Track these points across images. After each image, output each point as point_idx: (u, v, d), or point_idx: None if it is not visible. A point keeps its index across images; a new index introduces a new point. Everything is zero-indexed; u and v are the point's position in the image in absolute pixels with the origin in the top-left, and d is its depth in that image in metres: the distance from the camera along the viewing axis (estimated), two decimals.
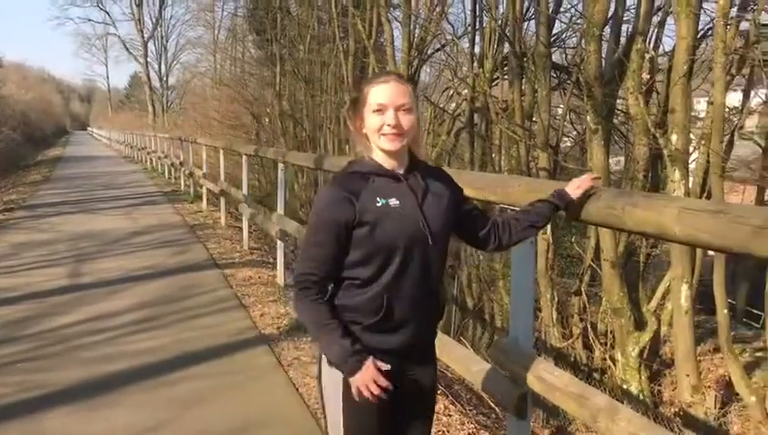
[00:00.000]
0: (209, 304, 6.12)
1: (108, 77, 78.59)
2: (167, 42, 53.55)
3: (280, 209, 7.12)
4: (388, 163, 1.87)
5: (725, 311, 5.24)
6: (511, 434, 2.66)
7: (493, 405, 4.64)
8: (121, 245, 9.06)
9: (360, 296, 1.84)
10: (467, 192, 2.17)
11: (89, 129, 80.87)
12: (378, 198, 1.80)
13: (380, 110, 1.82)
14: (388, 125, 1.81)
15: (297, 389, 4.19)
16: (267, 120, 19.64)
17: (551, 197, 2.14)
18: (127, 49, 54.51)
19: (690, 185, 6.30)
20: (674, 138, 5.35)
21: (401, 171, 1.87)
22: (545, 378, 2.39)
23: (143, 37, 52.23)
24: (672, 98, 5.45)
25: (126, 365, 4.49)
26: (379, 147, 1.86)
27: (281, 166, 7.17)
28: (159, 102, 51.19)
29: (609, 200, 2.07)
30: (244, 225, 9.14)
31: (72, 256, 8.23)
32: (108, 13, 73.14)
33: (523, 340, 2.63)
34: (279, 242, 7.14)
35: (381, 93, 1.84)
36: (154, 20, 52.70)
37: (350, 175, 1.86)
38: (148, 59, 52.87)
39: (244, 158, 9.02)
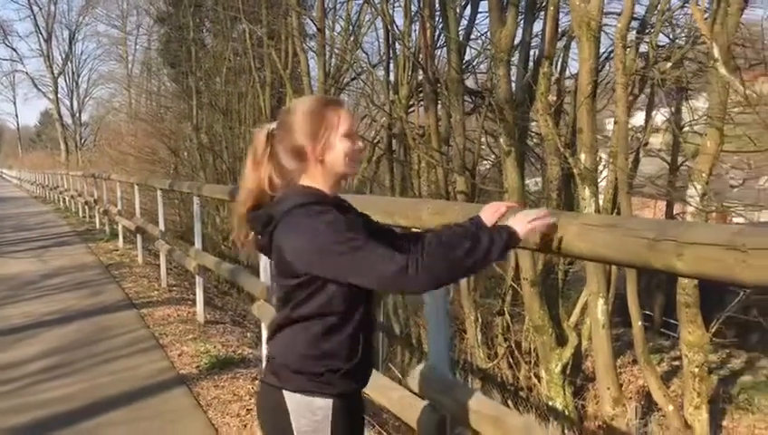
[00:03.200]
0: (124, 347, 5.86)
1: (17, 115, 75.25)
2: (78, 77, 52.03)
3: (197, 244, 6.94)
4: (334, 192, 1.78)
5: (640, 323, 5.40)
6: None
7: None
8: (31, 289, 8.61)
9: (335, 337, 1.73)
10: (380, 217, 2.13)
11: None
12: None
13: (351, 135, 1.75)
14: (358, 150, 1.75)
15: (217, 429, 4.04)
16: (186, 153, 19.30)
17: (468, 223, 2.08)
18: (36, 86, 52.61)
19: (601, 202, 6.51)
20: (582, 157, 5.51)
21: None
22: (462, 401, 2.36)
23: (53, 73, 50.57)
24: (579, 118, 5.63)
25: (33, 417, 4.23)
26: (343, 173, 1.77)
27: (196, 200, 7.00)
28: (72, 140, 49.56)
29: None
30: (162, 262, 8.86)
31: None
32: (15, 49, 70.50)
33: (440, 365, 2.60)
34: (198, 278, 6.95)
35: (350, 117, 1.77)
36: (64, 55, 51.17)
37: (329, 204, 1.73)
38: (60, 95, 51.19)
39: (159, 193, 8.77)
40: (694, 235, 1.50)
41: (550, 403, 6.91)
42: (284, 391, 1.73)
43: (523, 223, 1.76)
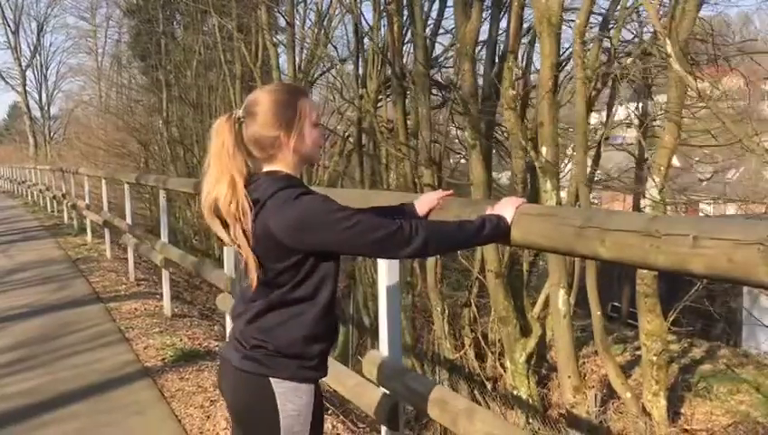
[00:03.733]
0: (89, 340, 5.85)
1: None
2: (47, 70, 51.15)
3: (164, 237, 6.93)
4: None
5: (599, 313, 5.53)
6: None
7: None
8: None
9: (326, 319, 1.79)
10: None
11: None
12: None
13: (318, 123, 1.80)
14: (323, 137, 1.81)
15: (180, 420, 4.07)
16: (156, 147, 19.15)
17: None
18: (3, 79, 51.65)
19: (565, 195, 6.62)
20: (543, 150, 5.61)
21: None
22: (412, 387, 2.43)
23: (21, 66, 49.64)
24: (540, 112, 5.73)
25: None
26: (312, 160, 1.85)
27: (162, 193, 7.00)
28: (41, 133, 48.79)
29: (457, 210, 2.13)
30: (130, 256, 8.82)
31: None
32: None
33: (393, 352, 2.67)
34: (164, 271, 6.94)
35: (315, 105, 1.82)
36: (32, 47, 50.28)
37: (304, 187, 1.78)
38: (28, 88, 50.29)
39: (126, 187, 8.72)
40: (615, 222, 1.57)
41: (515, 392, 7.03)
42: (271, 378, 1.75)
43: (512, 209, 1.86)
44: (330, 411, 4.40)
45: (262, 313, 1.77)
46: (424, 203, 2.12)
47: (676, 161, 14.18)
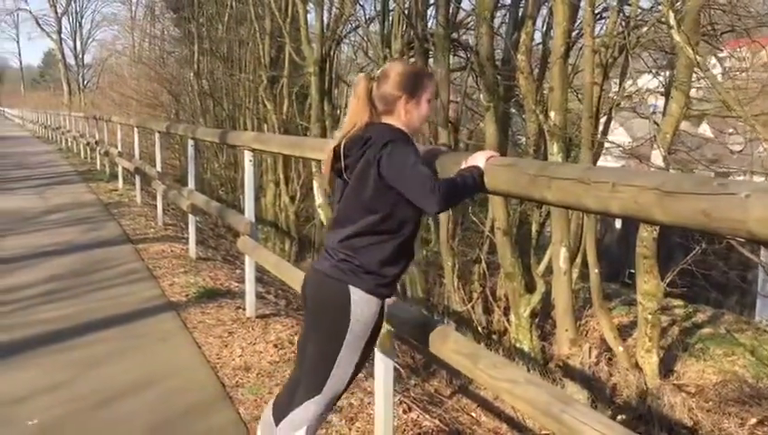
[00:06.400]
0: (119, 276, 6.29)
1: (20, 54, 74.61)
2: (81, 18, 51.80)
3: (191, 184, 7.31)
4: None
5: (597, 271, 5.81)
6: (377, 370, 3.01)
7: None
8: (32, 223, 9.04)
9: (404, 249, 2.23)
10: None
11: (0, 108, 77.38)
12: None
13: (431, 101, 2.30)
14: (432, 113, 2.32)
15: (200, 347, 4.48)
16: (187, 99, 19.50)
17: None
18: (39, 25, 52.41)
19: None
20: (552, 114, 5.84)
21: None
22: (400, 316, 2.77)
23: (56, 12, 50.35)
24: (551, 78, 5.94)
25: (31, 333, 4.64)
26: (417, 128, 2.30)
27: (190, 142, 7.36)
28: (75, 81, 49.53)
29: (444, 164, 2.42)
30: (159, 202, 9.27)
31: None
32: None
33: None
34: (191, 216, 7.34)
35: (435, 88, 2.33)
36: None
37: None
38: (63, 36, 51.03)
39: (156, 135, 9.12)
40: (560, 172, 1.88)
41: (517, 345, 7.37)
42: (350, 287, 2.17)
43: (483, 160, 2.21)
44: None
45: (352, 235, 2.20)
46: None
47: (709, 132, 14.18)
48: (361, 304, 2.17)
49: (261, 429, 2.41)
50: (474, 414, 5.97)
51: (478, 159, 2.20)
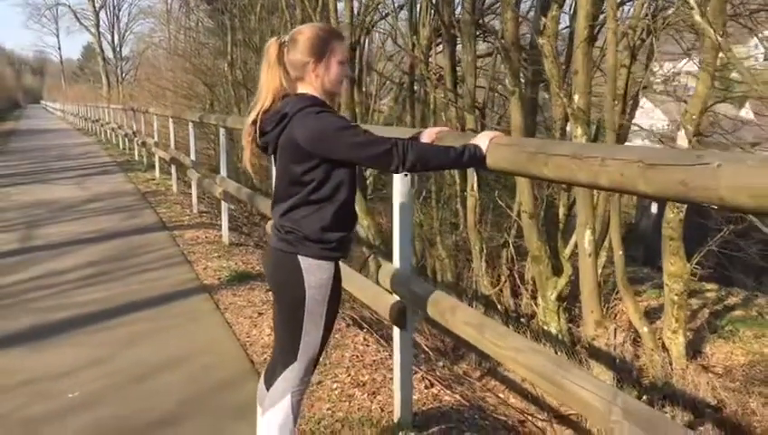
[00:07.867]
0: (156, 261, 6.54)
1: (60, 48, 76.53)
2: (119, 11, 52.74)
3: (223, 172, 7.51)
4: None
5: (621, 253, 5.85)
6: (395, 343, 3.16)
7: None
8: (73, 211, 9.37)
9: (343, 213, 2.27)
10: None
11: (42, 102, 79.31)
12: None
13: (344, 62, 2.30)
14: (347, 76, 2.32)
15: (231, 326, 4.68)
16: (222, 89, 19.79)
17: None
18: (78, 19, 53.53)
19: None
20: (576, 98, 5.88)
21: None
22: (415, 291, 2.89)
23: (94, 7, 51.30)
24: (575, 61, 5.97)
25: (72, 314, 4.90)
26: (333, 92, 2.32)
27: (222, 130, 7.55)
28: (113, 74, 50.46)
29: (451, 141, 2.53)
30: (193, 190, 9.51)
31: (23, 222, 8.53)
32: None
33: (403, 264, 3.12)
34: (223, 204, 7.55)
35: (345, 49, 2.33)
36: None
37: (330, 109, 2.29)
38: (101, 29, 51.97)
39: (190, 125, 9.35)
40: (557, 149, 1.98)
41: (545, 328, 7.45)
42: (299, 256, 2.25)
43: (487, 140, 2.28)
44: (365, 329, 4.95)
45: (291, 208, 2.28)
46: (426, 135, 2.56)
47: (751, 114, 13.95)
48: (312, 270, 2.25)
49: (258, 400, 2.54)
50: (501, 395, 6.08)
51: (481, 139, 2.29)
